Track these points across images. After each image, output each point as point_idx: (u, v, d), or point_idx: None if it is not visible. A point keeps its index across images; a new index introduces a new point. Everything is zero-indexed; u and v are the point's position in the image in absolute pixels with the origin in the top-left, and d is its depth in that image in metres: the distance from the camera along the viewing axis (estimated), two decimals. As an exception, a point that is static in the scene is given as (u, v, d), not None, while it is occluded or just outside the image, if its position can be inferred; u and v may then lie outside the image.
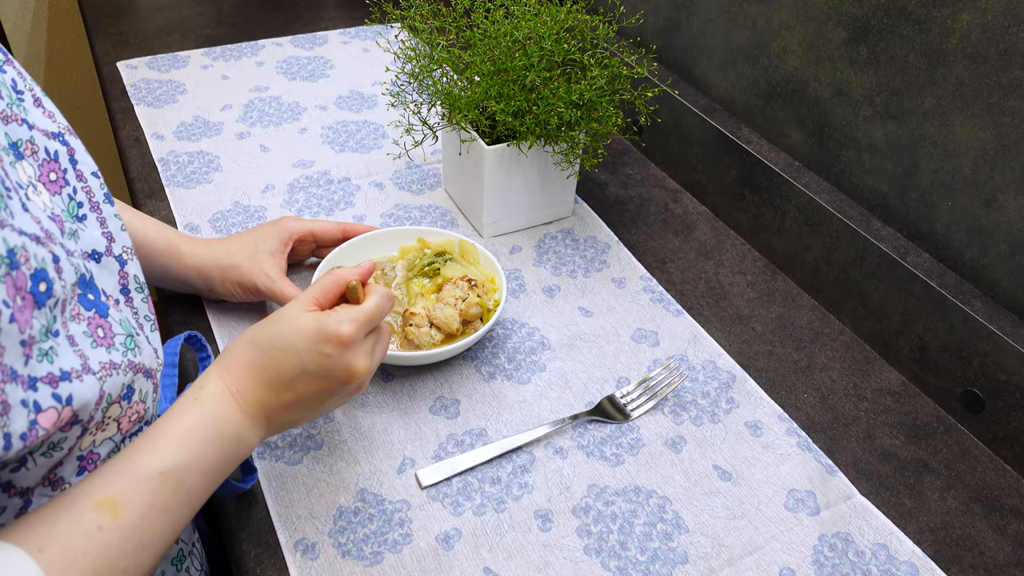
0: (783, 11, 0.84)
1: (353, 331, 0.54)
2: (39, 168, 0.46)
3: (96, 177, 0.51)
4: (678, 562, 0.61)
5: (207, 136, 1.03)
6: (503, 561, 0.60)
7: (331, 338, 0.53)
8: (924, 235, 0.77)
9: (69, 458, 0.45)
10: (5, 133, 0.44)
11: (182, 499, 0.47)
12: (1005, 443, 0.70)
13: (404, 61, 0.84)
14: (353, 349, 0.54)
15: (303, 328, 0.53)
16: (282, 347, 0.53)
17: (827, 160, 0.85)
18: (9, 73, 0.47)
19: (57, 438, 0.42)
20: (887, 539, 0.63)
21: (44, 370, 0.40)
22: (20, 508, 0.44)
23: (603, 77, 0.79)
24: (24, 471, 0.43)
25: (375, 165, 1.00)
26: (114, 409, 0.47)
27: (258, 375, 0.53)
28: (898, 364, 0.79)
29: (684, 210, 0.98)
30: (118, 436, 0.49)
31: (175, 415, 0.49)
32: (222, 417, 0.50)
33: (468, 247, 0.80)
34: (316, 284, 0.57)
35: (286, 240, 0.77)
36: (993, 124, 0.67)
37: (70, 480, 0.47)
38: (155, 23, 1.29)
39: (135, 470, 0.45)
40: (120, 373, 0.46)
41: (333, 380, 0.54)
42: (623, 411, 0.72)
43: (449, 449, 0.68)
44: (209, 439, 0.49)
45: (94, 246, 0.50)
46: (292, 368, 0.53)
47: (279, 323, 0.54)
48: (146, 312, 0.54)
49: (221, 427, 0.50)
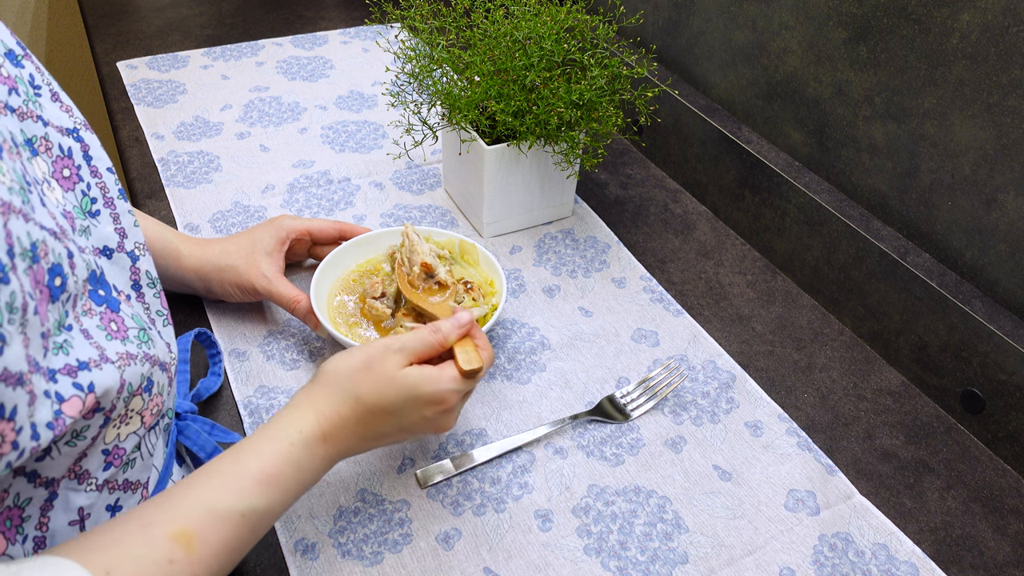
0: (783, 11, 0.84)
1: (457, 398, 0.56)
2: (52, 164, 0.47)
3: (111, 173, 0.51)
4: (678, 562, 0.61)
5: (207, 136, 1.03)
6: (503, 561, 0.60)
7: (435, 402, 0.55)
8: (924, 235, 0.77)
9: (94, 451, 0.46)
10: (21, 129, 0.44)
11: (253, 540, 0.48)
12: (1005, 443, 0.70)
13: (404, 61, 0.84)
14: (453, 411, 0.57)
15: (408, 389, 0.54)
16: (386, 408, 0.54)
17: (827, 160, 0.85)
18: (27, 68, 0.47)
19: (80, 426, 0.42)
20: (887, 539, 0.63)
21: (61, 362, 0.40)
22: (46, 499, 0.44)
23: (603, 77, 0.79)
24: (49, 460, 0.43)
25: (375, 165, 1.00)
26: (136, 402, 0.47)
27: (356, 430, 0.54)
28: (898, 364, 0.79)
29: (684, 210, 0.99)
30: (142, 430, 0.49)
31: (263, 455, 0.49)
32: (308, 467, 0.51)
33: (468, 247, 0.80)
34: (417, 339, 0.56)
35: (283, 239, 0.77)
36: (993, 124, 0.67)
37: (96, 474, 0.47)
38: (155, 23, 1.29)
39: (216, 508, 0.45)
40: (138, 363, 0.46)
41: (420, 433, 0.57)
42: (623, 411, 0.72)
43: (449, 449, 0.68)
44: (292, 488, 0.50)
45: (106, 242, 0.50)
46: (390, 425, 0.55)
47: (384, 382, 0.54)
48: (159, 307, 0.55)
49: (305, 477, 0.51)
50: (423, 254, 0.73)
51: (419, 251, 0.73)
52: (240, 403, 0.70)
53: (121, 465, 0.48)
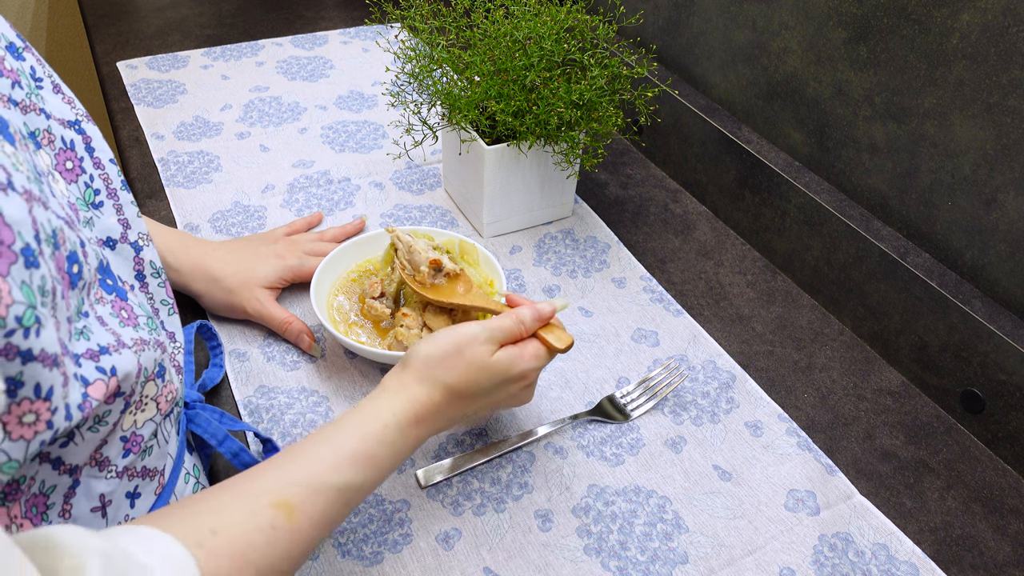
0: (783, 11, 0.84)
1: (537, 374, 0.60)
2: (55, 157, 0.47)
3: (113, 164, 0.52)
4: (678, 562, 0.61)
5: (207, 136, 1.03)
6: (503, 561, 0.60)
7: (522, 378, 0.59)
8: (924, 235, 0.77)
9: (113, 437, 0.46)
10: (24, 123, 0.44)
11: (346, 513, 0.50)
12: (1005, 443, 0.70)
13: (404, 61, 0.84)
14: (533, 385, 0.61)
15: (500, 373, 0.57)
16: (476, 392, 0.57)
17: (827, 160, 0.85)
18: (28, 60, 0.47)
19: (102, 411, 0.43)
20: (887, 539, 0.63)
21: (83, 347, 0.41)
22: (69, 487, 0.45)
23: (603, 77, 0.79)
24: (72, 446, 0.43)
25: (375, 165, 1.00)
26: (150, 387, 0.48)
27: (446, 412, 0.56)
28: (898, 364, 0.79)
29: (684, 210, 0.99)
30: (158, 417, 0.50)
31: (359, 436, 0.51)
32: (400, 448, 0.53)
33: (468, 247, 0.80)
34: (501, 329, 0.58)
35: (286, 280, 0.78)
36: (993, 124, 0.67)
37: (116, 461, 0.47)
38: (155, 23, 1.29)
39: (315, 481, 0.47)
40: (151, 349, 0.47)
41: (504, 408, 0.61)
42: (623, 411, 0.72)
43: (449, 449, 0.68)
44: (384, 467, 0.52)
45: (109, 233, 0.51)
46: (478, 404, 0.58)
47: (476, 369, 0.56)
48: (163, 296, 0.56)
49: (397, 457, 0.53)
50: (424, 251, 0.73)
51: (418, 250, 0.72)
52: (240, 403, 0.70)
53: (139, 452, 0.49)
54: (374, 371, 0.74)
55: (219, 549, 0.41)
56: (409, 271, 0.72)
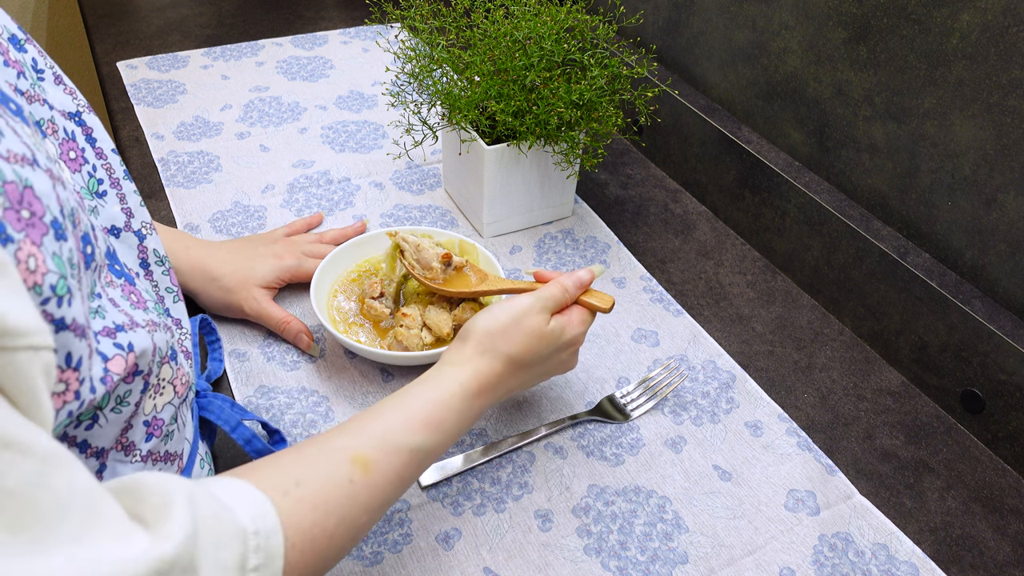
0: (783, 11, 0.84)
1: (583, 338, 0.64)
2: (60, 147, 0.48)
3: (115, 154, 0.52)
4: (678, 562, 0.61)
5: (207, 136, 1.03)
6: (503, 561, 0.60)
7: (571, 343, 0.63)
8: (924, 235, 0.77)
9: (136, 421, 0.47)
10: (29, 112, 0.45)
11: (416, 475, 0.52)
12: (1005, 443, 0.70)
13: (404, 61, 0.84)
14: (578, 351, 0.65)
15: (555, 340, 0.61)
16: (534, 360, 0.60)
17: (827, 160, 0.85)
18: (30, 52, 0.47)
19: (123, 391, 0.44)
20: (887, 539, 0.63)
21: (100, 325, 0.41)
22: (96, 471, 0.45)
23: (603, 77, 0.79)
24: (97, 428, 0.44)
25: (375, 165, 1.00)
26: (166, 370, 0.48)
27: (508, 382, 0.59)
28: (898, 364, 0.79)
29: (684, 210, 0.98)
30: (176, 400, 0.51)
31: (430, 401, 0.54)
32: (467, 416, 0.56)
33: (468, 247, 0.80)
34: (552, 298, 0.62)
35: (284, 280, 0.78)
36: (993, 124, 0.67)
37: (140, 446, 0.48)
38: (155, 23, 1.29)
39: (390, 441, 0.50)
40: (162, 331, 0.47)
41: (555, 374, 0.65)
42: (623, 411, 0.72)
43: (449, 449, 0.68)
44: (451, 432, 0.54)
45: (113, 222, 0.51)
46: (535, 372, 0.61)
47: (535, 338, 0.60)
48: (168, 284, 0.56)
49: (463, 425, 0.56)
50: (430, 248, 0.73)
51: (425, 248, 0.73)
52: (240, 402, 0.70)
53: (161, 436, 0.50)
54: (374, 371, 0.74)
55: (303, 498, 0.43)
56: (419, 271, 0.72)
